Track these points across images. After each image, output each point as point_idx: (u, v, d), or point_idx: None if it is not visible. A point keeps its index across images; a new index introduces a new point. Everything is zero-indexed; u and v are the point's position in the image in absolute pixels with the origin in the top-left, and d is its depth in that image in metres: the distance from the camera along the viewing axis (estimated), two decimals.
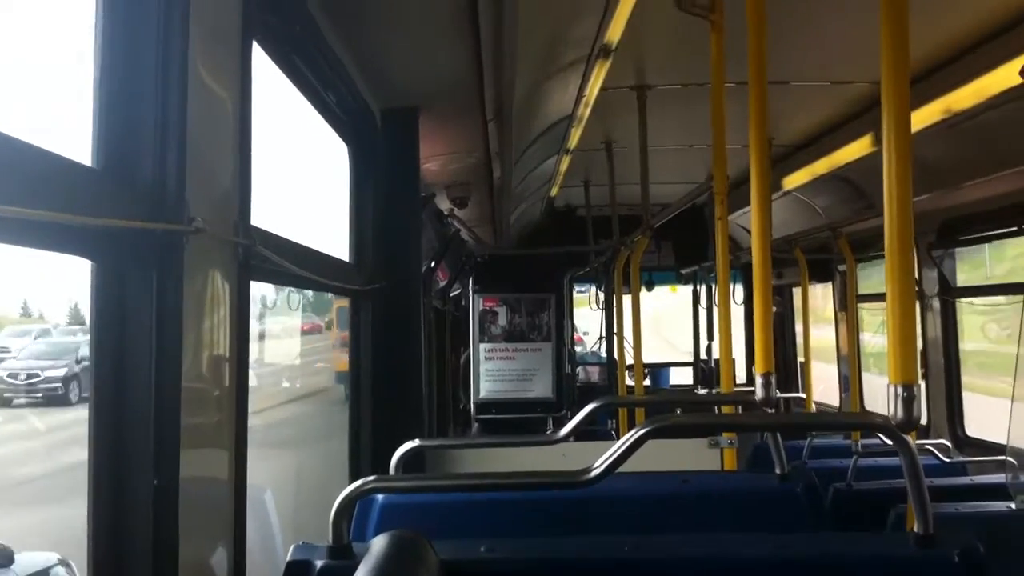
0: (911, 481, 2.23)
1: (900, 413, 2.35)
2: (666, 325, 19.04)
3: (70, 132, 1.91)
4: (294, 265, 2.70)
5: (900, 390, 2.35)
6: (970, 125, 5.08)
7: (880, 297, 9.07)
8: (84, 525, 1.88)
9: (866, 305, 8.95)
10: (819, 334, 8.93)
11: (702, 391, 11.66)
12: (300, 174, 5.13)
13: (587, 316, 13.97)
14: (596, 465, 2.27)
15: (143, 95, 1.92)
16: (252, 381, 2.36)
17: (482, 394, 10.56)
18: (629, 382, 7.79)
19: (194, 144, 1.99)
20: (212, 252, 2.14)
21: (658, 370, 14.18)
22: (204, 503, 2.12)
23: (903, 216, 2.37)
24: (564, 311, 11.13)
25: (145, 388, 1.88)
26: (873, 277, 9.02)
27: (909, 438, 2.26)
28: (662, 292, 16.54)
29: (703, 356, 12.09)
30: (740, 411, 4.38)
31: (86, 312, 2.01)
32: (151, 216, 1.89)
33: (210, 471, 2.18)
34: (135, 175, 1.91)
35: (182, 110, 1.95)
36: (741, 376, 10.76)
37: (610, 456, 2.25)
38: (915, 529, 2.24)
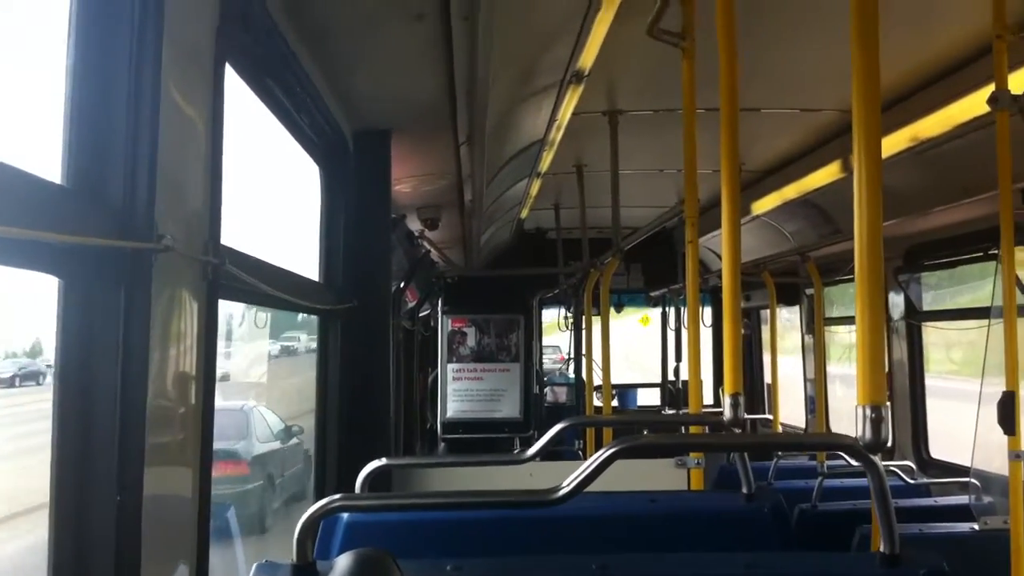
0: (878, 501, 2.24)
1: (868, 433, 2.36)
2: (636, 351, 19.10)
3: (39, 150, 1.90)
4: (264, 284, 2.69)
5: (868, 411, 2.37)
6: (937, 153, 5.15)
7: (846, 320, 9.13)
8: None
9: (832, 328, 9.03)
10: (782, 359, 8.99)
11: (669, 412, 11.69)
12: (272, 195, 5.12)
13: (566, 337, 14.00)
14: (565, 484, 2.26)
15: (114, 114, 1.93)
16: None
17: (449, 414, 10.55)
18: (597, 403, 7.81)
19: (164, 163, 1.99)
20: (181, 270, 2.14)
21: (626, 391, 14.21)
22: (167, 520, 2.11)
23: (873, 240, 2.40)
24: (533, 332, 11.15)
25: (110, 405, 1.87)
26: (837, 302, 9.11)
27: (877, 459, 2.27)
28: (632, 323, 16.61)
29: (671, 377, 12.13)
30: (708, 432, 4.40)
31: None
32: (120, 234, 1.89)
33: (174, 489, 2.17)
34: (104, 193, 1.91)
35: (153, 129, 1.95)
36: (708, 398, 10.81)
37: (579, 475, 2.25)
38: (881, 549, 2.24)
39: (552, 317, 13.94)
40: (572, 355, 12.21)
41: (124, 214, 1.91)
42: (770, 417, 8.35)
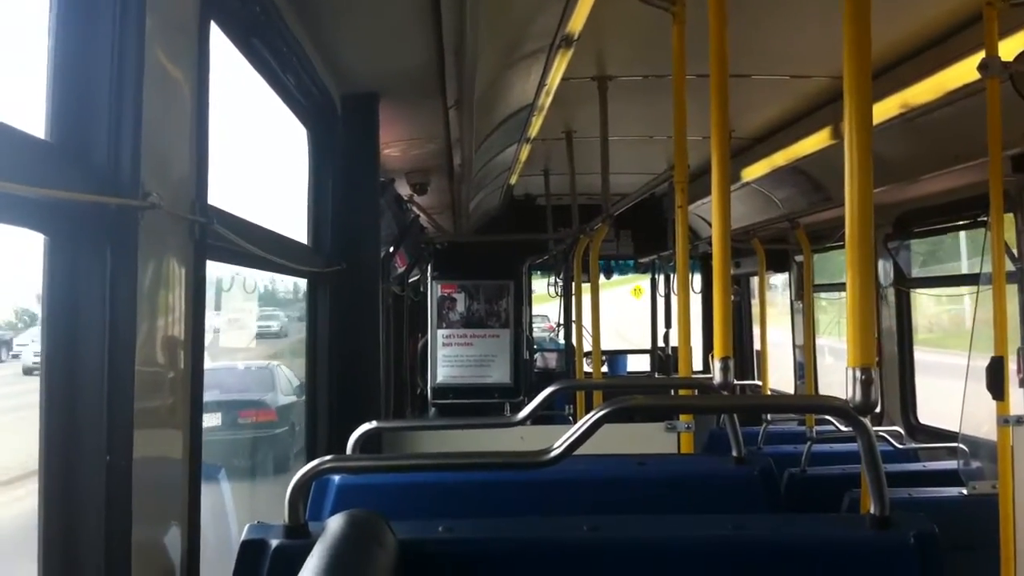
0: (868, 463, 2.25)
1: (858, 396, 2.39)
2: (624, 323, 19.18)
3: (22, 104, 1.89)
4: (252, 245, 2.68)
5: (858, 373, 2.39)
6: (927, 120, 5.15)
7: (835, 287, 9.15)
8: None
9: (820, 296, 9.06)
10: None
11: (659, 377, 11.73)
12: (260, 156, 5.10)
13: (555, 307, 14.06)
14: (556, 446, 2.27)
15: (98, 71, 1.91)
16: None
17: (439, 379, 10.58)
18: (587, 368, 7.83)
19: (149, 121, 1.97)
20: (167, 229, 2.13)
21: (615, 358, 14.25)
22: (157, 483, 2.11)
23: (863, 207, 2.42)
24: (523, 298, 11.15)
25: (98, 364, 1.87)
26: (826, 269, 9.13)
27: (867, 421, 2.29)
28: (621, 295, 16.62)
29: (660, 344, 12.16)
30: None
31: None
32: (105, 191, 1.87)
33: (164, 451, 2.17)
34: (89, 149, 1.89)
35: (137, 87, 1.93)
36: (697, 365, 10.84)
37: (570, 437, 2.26)
38: (871, 512, 2.26)
39: (541, 288, 13.97)
40: (562, 321, 12.24)
41: (109, 171, 1.89)
42: (759, 383, 8.39)
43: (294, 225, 4.26)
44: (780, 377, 10.07)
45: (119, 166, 1.90)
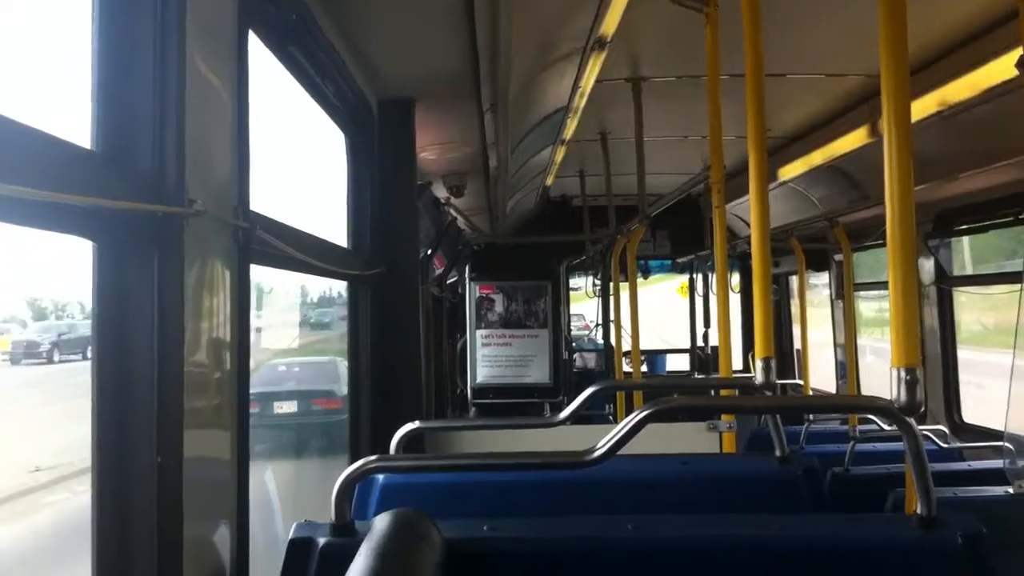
0: (914, 463, 2.23)
1: (903, 396, 2.38)
2: (661, 324, 19.15)
3: (69, 116, 1.94)
4: (294, 249, 2.73)
5: (903, 373, 2.38)
6: (966, 117, 5.12)
7: (875, 286, 9.06)
8: None
9: (859, 295, 9.00)
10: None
11: (698, 377, 11.69)
12: (299, 162, 5.17)
13: (590, 306, 14.07)
14: (599, 446, 2.28)
15: (141, 81, 1.95)
16: None
17: (479, 379, 10.60)
18: (626, 368, 7.84)
19: (192, 129, 2.01)
20: (212, 235, 2.17)
21: (654, 357, 14.20)
22: (207, 482, 2.15)
23: (904, 205, 2.41)
24: (560, 298, 11.16)
25: (147, 367, 1.91)
26: (865, 267, 9.07)
27: (912, 420, 2.28)
28: (656, 295, 16.58)
29: (699, 343, 12.13)
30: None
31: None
32: (150, 198, 1.91)
33: (213, 451, 2.21)
34: (134, 158, 1.94)
35: (180, 96, 1.97)
36: (736, 364, 10.80)
37: (613, 437, 2.26)
38: (917, 511, 2.24)
39: (577, 286, 13.95)
40: (600, 321, 12.24)
41: (154, 179, 1.94)
42: (800, 382, 8.35)
43: (333, 229, 4.32)
44: (819, 377, 10.02)
45: (164, 174, 1.95)
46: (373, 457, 2.38)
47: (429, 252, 7.52)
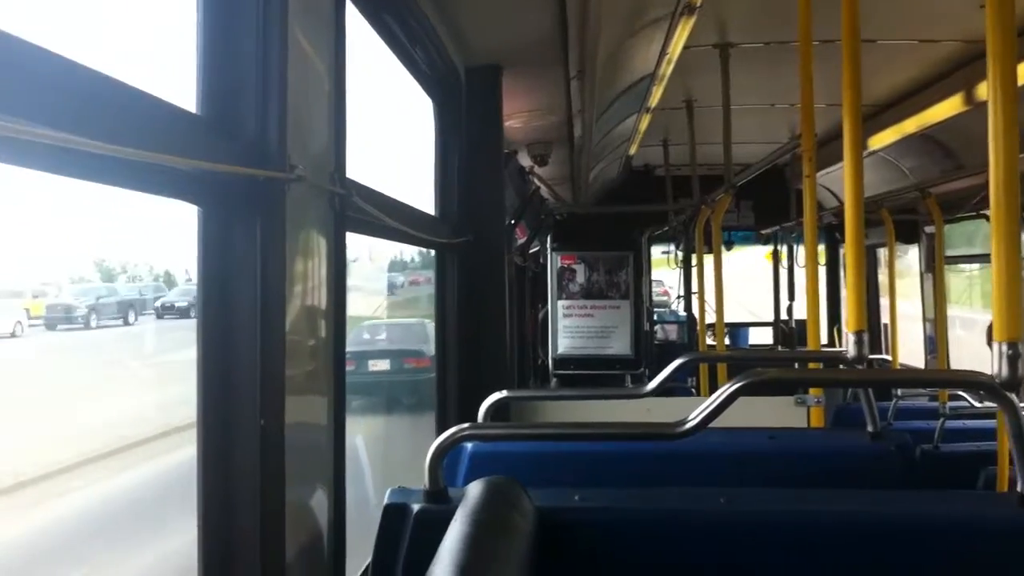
0: (1014, 440, 2.17)
1: (1005, 371, 2.32)
2: (743, 294, 18.99)
3: (175, 83, 1.97)
4: (386, 217, 2.76)
5: (1005, 347, 2.33)
6: None
7: (966, 259, 8.81)
8: None
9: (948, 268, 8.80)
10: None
11: (783, 350, 11.54)
12: (387, 129, 5.21)
13: (668, 273, 14.03)
14: (691, 418, 2.27)
15: (244, 47, 1.97)
16: None
17: (560, 350, 10.62)
18: (709, 341, 7.78)
19: (293, 96, 2.03)
20: (311, 201, 2.19)
21: (737, 330, 14.07)
22: (306, 446, 2.18)
23: (1009, 174, 2.35)
24: (642, 269, 11.10)
25: (250, 332, 1.93)
26: (956, 239, 8.86)
27: (1013, 397, 2.23)
28: (737, 265, 16.41)
29: (783, 316, 11.98)
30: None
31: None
32: (254, 164, 1.94)
33: (312, 416, 2.24)
34: (237, 124, 1.96)
35: (282, 63, 1.99)
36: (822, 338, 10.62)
37: (704, 409, 2.25)
38: (1019, 489, 2.19)
39: (657, 255, 13.86)
40: (682, 293, 12.15)
41: (256, 144, 1.96)
42: (887, 357, 8.21)
43: (420, 197, 4.35)
44: (906, 352, 9.84)
45: (266, 139, 1.97)
46: (465, 425, 2.40)
47: (512, 222, 7.54)
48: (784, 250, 12.00)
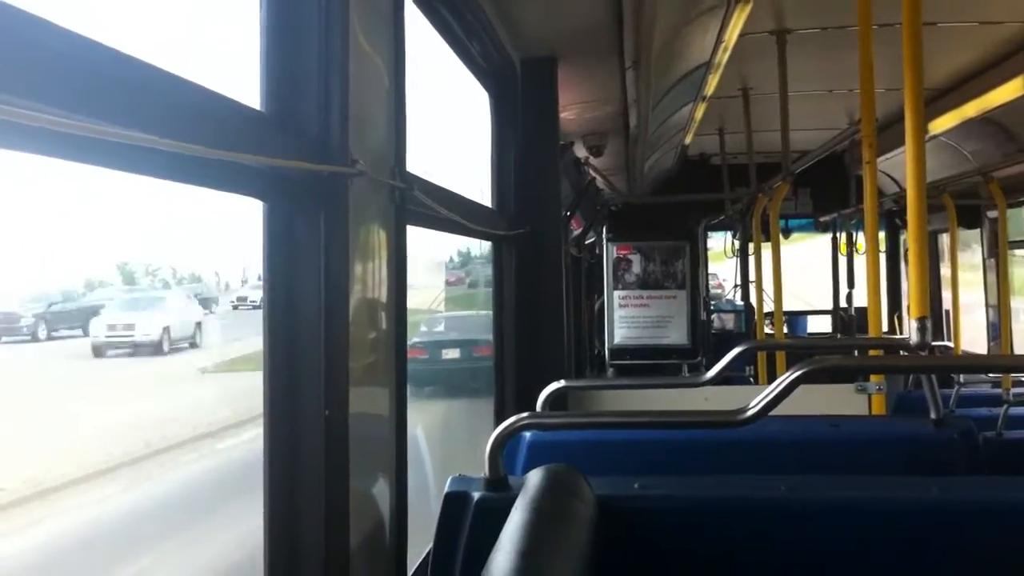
0: None
1: None
2: (800, 286, 18.83)
3: (239, 80, 2.01)
4: (445, 210, 2.78)
5: None
6: None
7: None
8: None
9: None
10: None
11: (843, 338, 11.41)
12: (445, 122, 5.24)
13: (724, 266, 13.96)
14: (752, 405, 2.27)
15: (306, 45, 2.00)
16: None
17: (617, 340, 10.59)
18: (767, 330, 7.73)
19: (354, 92, 2.06)
20: (373, 195, 2.22)
21: (795, 318, 13.93)
22: (369, 437, 2.21)
23: None
24: (699, 259, 11.04)
25: (315, 324, 1.97)
26: (1019, 225, 8.71)
27: None
28: (796, 254, 16.28)
29: (842, 304, 11.85)
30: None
31: None
32: (317, 159, 1.97)
33: (375, 407, 2.27)
34: (300, 120, 1.99)
35: (344, 59, 2.02)
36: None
37: (765, 397, 2.25)
38: None
39: (712, 246, 13.77)
40: (739, 282, 12.06)
41: (319, 140, 1.99)
42: (950, 344, 8.10)
43: (476, 189, 4.38)
44: (968, 339, 9.70)
45: (329, 135, 2.00)
46: (524, 414, 2.42)
47: (568, 213, 7.54)
48: (843, 237, 11.87)
